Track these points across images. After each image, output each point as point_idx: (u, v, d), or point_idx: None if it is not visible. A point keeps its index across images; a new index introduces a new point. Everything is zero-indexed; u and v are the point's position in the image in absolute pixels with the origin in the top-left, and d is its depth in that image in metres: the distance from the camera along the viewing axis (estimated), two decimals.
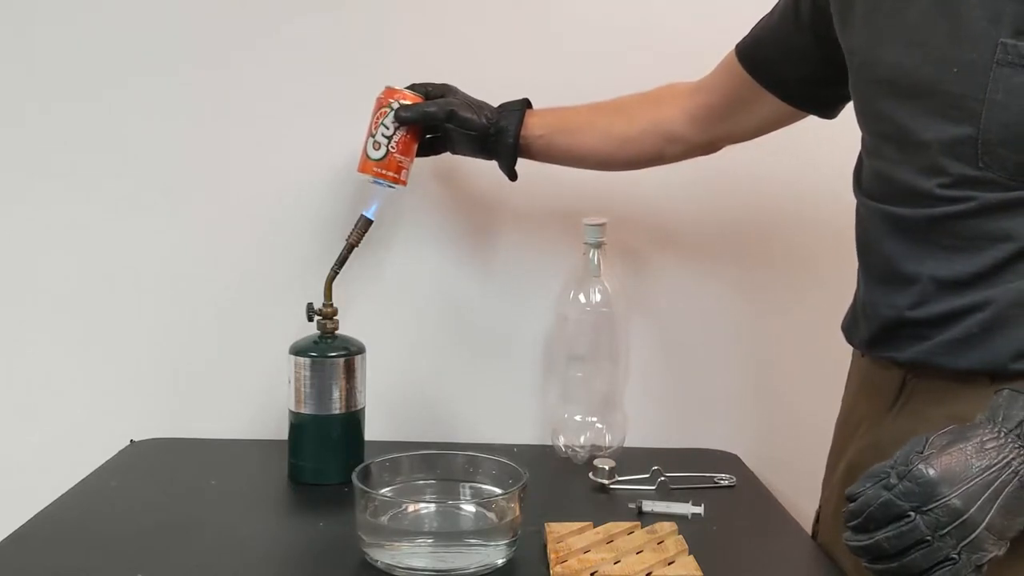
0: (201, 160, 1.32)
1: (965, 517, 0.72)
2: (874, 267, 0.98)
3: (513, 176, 1.22)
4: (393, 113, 1.17)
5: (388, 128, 1.17)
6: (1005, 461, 0.74)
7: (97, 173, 1.32)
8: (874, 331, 0.98)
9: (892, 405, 0.98)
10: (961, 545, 0.72)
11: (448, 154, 1.25)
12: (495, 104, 1.22)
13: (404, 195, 1.22)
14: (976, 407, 0.81)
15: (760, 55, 1.11)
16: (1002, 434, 0.75)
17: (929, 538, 0.72)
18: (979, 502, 0.72)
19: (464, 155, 1.24)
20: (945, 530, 0.72)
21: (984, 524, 0.72)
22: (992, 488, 0.73)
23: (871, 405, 1.02)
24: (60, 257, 1.33)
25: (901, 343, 0.94)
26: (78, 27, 1.30)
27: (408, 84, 1.20)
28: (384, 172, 1.17)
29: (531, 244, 1.36)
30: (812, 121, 1.14)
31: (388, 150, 1.16)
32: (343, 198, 1.31)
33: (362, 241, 1.18)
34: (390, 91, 1.18)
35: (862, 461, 1.04)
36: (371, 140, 1.17)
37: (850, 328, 1.05)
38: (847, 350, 1.13)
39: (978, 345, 0.88)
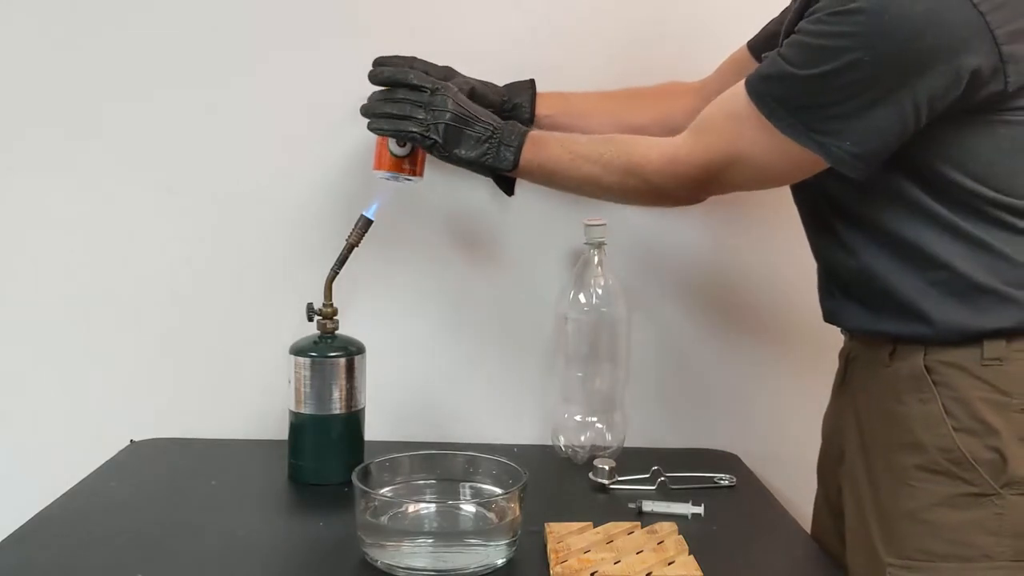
0: (201, 160, 1.32)
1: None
2: None
3: None
4: None
5: None
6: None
7: (98, 173, 1.32)
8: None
9: (841, 380, 1.11)
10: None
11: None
12: None
13: (404, 195, 1.22)
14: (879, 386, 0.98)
15: (772, 42, 1.11)
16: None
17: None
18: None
19: None
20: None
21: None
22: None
23: (837, 379, 1.13)
24: (60, 257, 1.33)
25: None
26: (78, 28, 1.30)
27: None
28: (407, 167, 1.16)
29: (531, 244, 1.35)
30: None
31: (412, 146, 1.16)
32: (343, 198, 1.31)
33: (362, 241, 1.18)
34: None
35: (824, 431, 1.11)
36: (391, 138, 1.16)
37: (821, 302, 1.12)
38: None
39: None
